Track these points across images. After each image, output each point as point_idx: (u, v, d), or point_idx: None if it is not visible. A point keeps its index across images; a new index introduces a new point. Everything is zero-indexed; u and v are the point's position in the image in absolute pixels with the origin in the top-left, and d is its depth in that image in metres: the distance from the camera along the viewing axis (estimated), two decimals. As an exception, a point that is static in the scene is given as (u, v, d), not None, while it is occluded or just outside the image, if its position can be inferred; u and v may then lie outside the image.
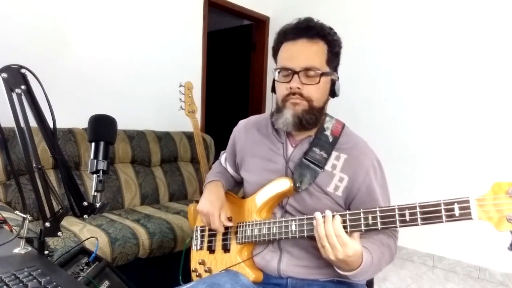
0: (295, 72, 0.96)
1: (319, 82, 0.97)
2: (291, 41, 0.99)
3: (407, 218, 0.81)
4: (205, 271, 1.12)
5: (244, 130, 1.19)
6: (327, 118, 1.07)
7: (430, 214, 0.78)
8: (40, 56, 2.19)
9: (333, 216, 0.86)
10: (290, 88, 0.97)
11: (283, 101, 1.00)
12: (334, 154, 1.03)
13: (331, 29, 1.01)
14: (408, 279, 2.52)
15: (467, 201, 0.75)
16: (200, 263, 1.14)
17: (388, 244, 0.98)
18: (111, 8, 2.51)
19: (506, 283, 2.48)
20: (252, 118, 1.22)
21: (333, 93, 1.03)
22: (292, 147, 1.07)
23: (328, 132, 1.04)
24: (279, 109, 1.02)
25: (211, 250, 1.13)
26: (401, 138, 2.88)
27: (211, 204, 1.07)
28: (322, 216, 0.87)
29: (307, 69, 0.96)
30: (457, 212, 0.76)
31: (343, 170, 1.01)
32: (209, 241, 1.15)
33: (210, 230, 1.15)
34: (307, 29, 0.98)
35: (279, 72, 1.00)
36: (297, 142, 1.07)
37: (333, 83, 1.02)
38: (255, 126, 1.17)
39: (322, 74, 0.97)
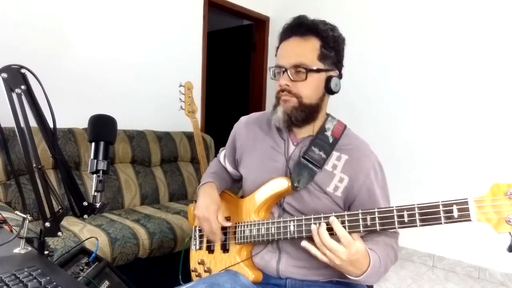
0: (285, 70, 0.98)
1: (305, 78, 0.97)
2: (285, 40, 1.01)
3: (406, 219, 0.81)
4: (205, 271, 1.12)
5: (245, 127, 1.19)
6: (329, 119, 1.07)
7: (428, 216, 0.78)
8: (40, 56, 2.19)
9: (330, 218, 0.86)
10: (280, 85, 0.99)
11: (276, 98, 1.03)
12: (335, 154, 1.03)
13: (326, 24, 1.00)
14: (408, 279, 2.52)
15: (466, 203, 0.75)
16: (199, 263, 1.14)
17: (391, 244, 0.98)
18: (111, 8, 2.51)
19: (506, 283, 2.48)
20: (254, 114, 1.22)
21: (329, 89, 1.01)
22: (293, 145, 1.07)
23: (328, 133, 1.04)
24: (274, 107, 1.04)
25: (210, 250, 1.13)
26: (402, 139, 2.88)
27: (207, 209, 1.06)
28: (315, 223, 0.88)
29: (296, 66, 0.97)
30: (455, 213, 0.75)
31: (343, 171, 1.01)
32: (208, 241, 1.15)
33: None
34: (298, 26, 0.99)
35: (273, 71, 1.03)
36: (298, 141, 1.07)
37: (328, 79, 1.00)
38: (257, 123, 1.17)
39: (310, 71, 0.97)
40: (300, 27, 0.98)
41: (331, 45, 0.99)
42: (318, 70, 0.98)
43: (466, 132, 2.60)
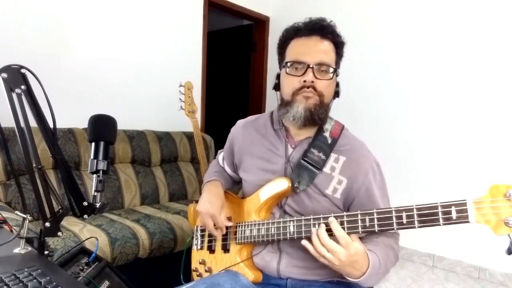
0: (309, 66, 0.96)
1: (332, 78, 0.98)
2: (304, 37, 1.00)
3: (404, 220, 0.80)
4: (205, 271, 1.12)
5: (242, 130, 1.19)
6: (327, 119, 1.07)
7: (427, 217, 0.78)
8: (40, 56, 2.19)
9: (329, 219, 0.86)
10: (304, 81, 0.96)
11: (294, 94, 0.99)
12: (333, 156, 1.03)
13: (338, 32, 1.03)
14: (408, 279, 2.52)
15: (465, 204, 0.74)
16: (200, 263, 1.14)
17: (390, 244, 0.97)
18: (111, 8, 2.51)
19: (506, 283, 2.48)
20: (251, 118, 1.22)
21: (337, 93, 1.04)
22: (291, 148, 1.07)
23: (327, 134, 1.04)
24: (287, 103, 1.00)
25: (211, 250, 1.13)
26: (401, 139, 2.88)
27: (211, 205, 1.07)
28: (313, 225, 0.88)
29: (320, 64, 0.97)
30: (454, 215, 0.75)
31: (342, 173, 1.01)
32: (209, 241, 1.15)
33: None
34: (322, 28, 0.99)
35: (290, 66, 1.00)
36: (296, 143, 1.07)
37: (337, 83, 1.04)
38: (253, 126, 1.17)
39: (335, 71, 0.99)
40: (324, 28, 0.99)
41: (340, 52, 1.03)
42: (335, 71, 1.00)
43: (466, 132, 2.60)
